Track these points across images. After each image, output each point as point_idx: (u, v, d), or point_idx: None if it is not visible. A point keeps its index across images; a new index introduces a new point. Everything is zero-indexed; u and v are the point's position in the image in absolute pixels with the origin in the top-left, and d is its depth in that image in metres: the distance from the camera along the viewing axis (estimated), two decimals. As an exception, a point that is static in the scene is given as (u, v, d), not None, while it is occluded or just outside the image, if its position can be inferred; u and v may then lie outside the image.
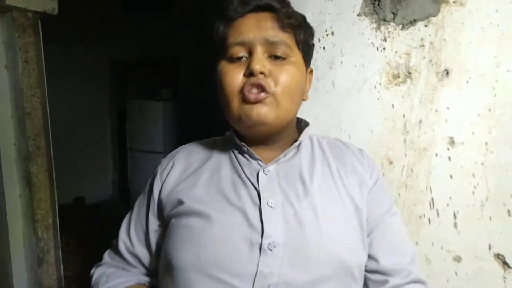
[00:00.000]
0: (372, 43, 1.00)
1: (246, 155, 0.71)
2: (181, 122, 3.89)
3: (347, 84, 1.04)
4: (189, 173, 0.73)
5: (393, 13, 0.97)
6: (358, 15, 1.01)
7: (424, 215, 0.98)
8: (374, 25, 0.99)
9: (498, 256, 0.91)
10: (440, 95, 0.93)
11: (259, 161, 0.70)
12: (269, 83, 0.63)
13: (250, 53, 0.65)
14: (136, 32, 3.90)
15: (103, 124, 4.47)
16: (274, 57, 0.66)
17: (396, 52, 0.98)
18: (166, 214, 0.72)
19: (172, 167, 0.76)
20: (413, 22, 0.95)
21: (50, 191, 1.89)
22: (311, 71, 0.78)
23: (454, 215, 0.95)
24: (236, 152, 0.73)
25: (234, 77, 0.65)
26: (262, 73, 0.63)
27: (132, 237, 0.78)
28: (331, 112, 1.07)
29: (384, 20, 0.98)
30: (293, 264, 0.61)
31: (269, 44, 0.65)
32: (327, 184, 0.70)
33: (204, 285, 0.60)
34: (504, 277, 0.91)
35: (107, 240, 0.90)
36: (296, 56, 0.68)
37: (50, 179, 1.89)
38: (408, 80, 0.97)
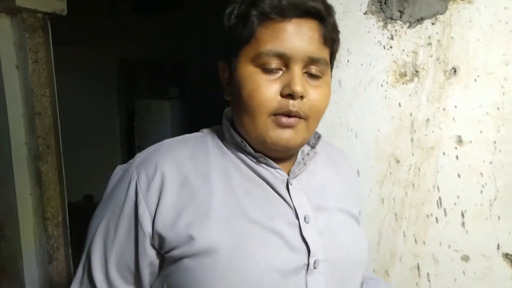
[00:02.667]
0: (379, 41, 0.99)
1: (263, 164, 0.62)
2: (189, 121, 3.91)
3: (354, 82, 1.04)
4: (189, 195, 0.57)
5: (400, 11, 0.96)
6: (364, 13, 1.00)
7: (431, 214, 0.97)
8: (381, 24, 0.99)
9: (506, 256, 0.91)
10: (448, 94, 0.93)
11: (278, 170, 0.62)
12: (303, 108, 0.57)
13: (286, 65, 0.56)
14: (144, 32, 3.92)
15: (112, 123, 4.51)
16: (309, 74, 0.58)
17: (403, 50, 0.97)
18: (170, 250, 0.57)
19: (161, 186, 0.57)
20: (420, 20, 0.94)
21: (60, 189, 1.91)
22: None
23: (462, 214, 0.94)
24: (245, 158, 0.62)
25: (269, 93, 0.56)
26: (301, 96, 0.56)
27: (112, 277, 0.60)
28: (338, 111, 1.07)
29: (391, 18, 0.97)
30: (335, 277, 0.60)
31: (310, 61, 0.57)
32: (338, 188, 0.69)
33: None
34: (513, 277, 0.90)
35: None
36: (328, 73, 0.62)
37: (59, 178, 1.92)
38: (415, 79, 0.96)
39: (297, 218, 0.59)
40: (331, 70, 0.64)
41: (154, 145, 0.65)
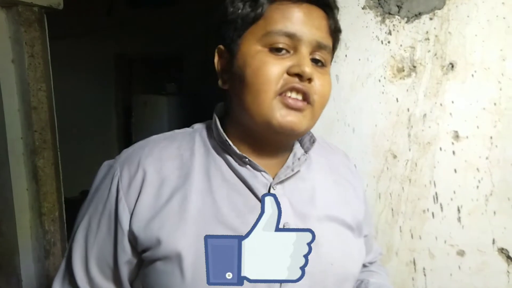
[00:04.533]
0: (376, 36, 0.99)
1: (248, 166, 0.59)
2: (186, 117, 3.90)
3: (351, 78, 1.03)
4: (167, 196, 0.56)
5: (398, 6, 0.96)
6: (362, 8, 1.00)
7: (427, 209, 0.97)
8: (379, 18, 0.99)
9: (502, 251, 0.91)
10: (445, 89, 0.93)
11: (263, 173, 0.59)
12: (312, 92, 0.56)
13: (295, 48, 0.56)
14: (141, 27, 3.90)
15: (109, 118, 4.49)
16: (314, 61, 0.57)
17: (400, 45, 0.97)
18: (143, 251, 0.57)
19: (142, 184, 0.57)
20: (418, 15, 0.94)
21: (56, 185, 1.91)
22: None
23: (458, 210, 0.94)
24: (229, 159, 0.60)
25: (276, 71, 0.54)
26: (309, 79, 0.55)
27: (93, 272, 0.60)
28: (335, 106, 1.07)
29: (389, 13, 0.97)
30: None
31: (318, 47, 0.56)
32: (332, 196, 0.65)
33: None
34: (508, 272, 0.91)
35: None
36: (330, 64, 0.62)
37: (56, 173, 1.91)
38: (413, 74, 0.96)
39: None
40: (331, 61, 0.64)
41: (140, 141, 0.64)
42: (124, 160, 0.60)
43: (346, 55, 1.03)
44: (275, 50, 0.55)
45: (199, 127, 0.66)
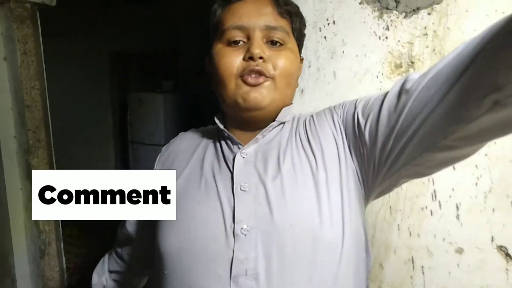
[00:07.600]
0: (374, 32, 0.98)
1: (227, 140, 0.71)
2: (182, 114, 3.88)
3: (349, 74, 1.02)
4: (178, 161, 0.76)
5: (395, 1, 0.95)
6: (360, 3, 0.99)
7: (426, 207, 0.97)
8: (377, 14, 0.97)
9: (500, 248, 0.90)
10: (444, 85, 0.92)
11: (238, 145, 0.70)
12: (268, 68, 0.64)
13: (248, 38, 0.65)
14: (136, 24, 3.87)
15: (104, 116, 4.46)
16: (271, 43, 0.66)
17: (398, 41, 0.96)
18: None
19: (167, 156, 0.80)
20: (416, 10, 0.93)
21: (51, 184, 1.88)
22: (302, 59, 0.77)
23: (457, 207, 0.93)
24: (220, 137, 0.74)
25: (233, 60, 0.65)
26: (261, 58, 0.63)
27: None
28: (332, 103, 1.04)
29: (387, 8, 0.96)
30: (268, 247, 0.59)
31: (268, 30, 0.65)
32: (298, 158, 0.65)
33: (187, 269, 0.63)
34: (507, 269, 0.90)
35: (109, 232, 0.88)
36: (292, 43, 0.69)
37: (51, 172, 1.89)
38: (411, 70, 0.95)
39: (232, 184, 0.65)
40: (300, 42, 0.72)
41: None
42: (164, 148, 0.84)
43: (343, 51, 1.02)
44: (233, 43, 0.66)
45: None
